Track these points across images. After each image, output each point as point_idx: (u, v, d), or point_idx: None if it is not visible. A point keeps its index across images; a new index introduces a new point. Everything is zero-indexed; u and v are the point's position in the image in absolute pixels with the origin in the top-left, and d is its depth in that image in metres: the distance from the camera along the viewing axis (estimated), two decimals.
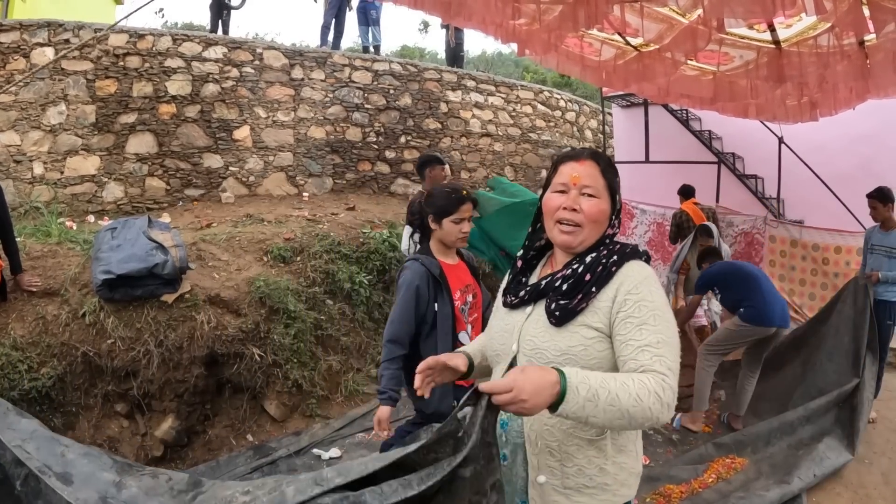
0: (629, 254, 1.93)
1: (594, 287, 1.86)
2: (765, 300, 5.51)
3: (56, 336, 4.93)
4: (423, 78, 10.26)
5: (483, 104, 10.91)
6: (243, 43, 9.00)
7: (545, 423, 1.86)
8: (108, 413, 5.07)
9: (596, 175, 1.95)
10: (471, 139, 10.66)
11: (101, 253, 5.23)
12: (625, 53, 5.54)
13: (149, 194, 8.11)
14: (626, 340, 1.77)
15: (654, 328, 1.77)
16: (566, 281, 1.90)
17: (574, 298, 1.86)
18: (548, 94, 12.10)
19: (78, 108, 7.77)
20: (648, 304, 1.80)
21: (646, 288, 1.84)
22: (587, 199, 1.92)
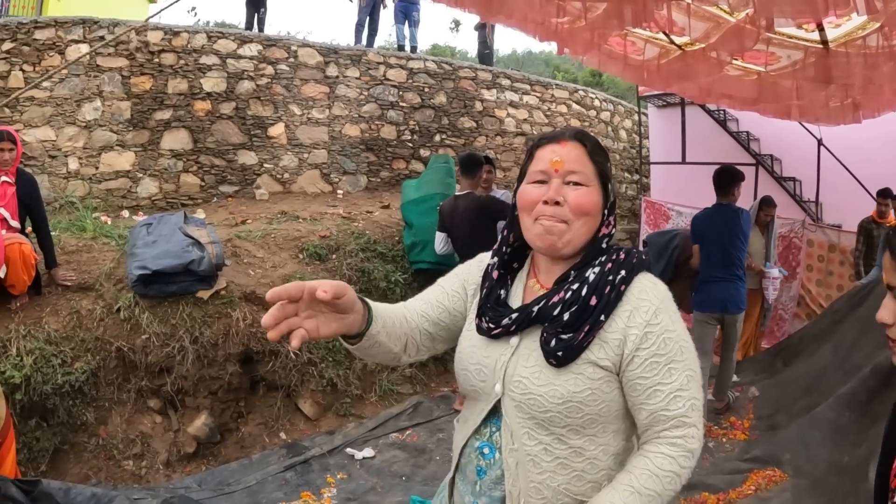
0: (637, 265, 1.58)
1: (602, 315, 1.49)
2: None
3: (90, 331, 4.90)
4: (457, 76, 10.20)
5: (518, 103, 10.82)
6: (278, 40, 8.98)
7: (531, 479, 1.51)
8: (140, 408, 5.03)
9: (582, 158, 1.57)
10: (505, 138, 10.57)
11: (136, 248, 5.19)
12: (668, 52, 5.44)
13: (183, 190, 8.12)
14: (654, 386, 1.48)
15: (682, 364, 1.50)
16: (567, 308, 1.51)
17: (580, 331, 1.48)
18: (582, 93, 11.99)
19: (113, 105, 7.80)
20: (673, 336, 1.50)
21: (665, 315, 1.52)
22: (573, 188, 1.54)
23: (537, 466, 1.50)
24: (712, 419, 5.71)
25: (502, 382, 1.55)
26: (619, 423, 1.53)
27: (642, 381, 1.47)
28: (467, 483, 1.65)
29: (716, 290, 5.39)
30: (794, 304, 7.87)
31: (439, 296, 1.76)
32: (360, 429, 5.42)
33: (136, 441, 4.85)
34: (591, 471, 1.51)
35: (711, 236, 5.42)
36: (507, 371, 1.55)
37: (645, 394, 1.47)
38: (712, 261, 5.40)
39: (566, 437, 1.49)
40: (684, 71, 5.35)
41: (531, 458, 1.50)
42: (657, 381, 1.47)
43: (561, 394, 1.46)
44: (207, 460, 5.04)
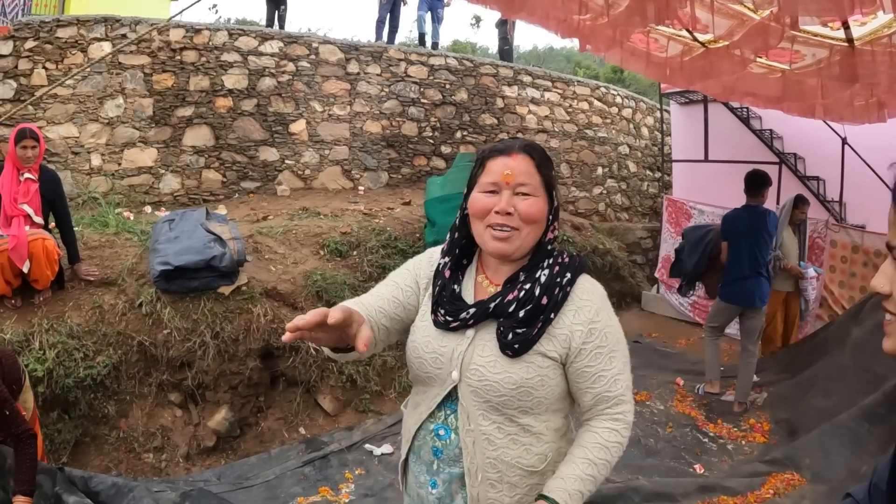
0: (579, 268, 1.79)
1: (552, 313, 1.70)
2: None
3: (112, 325, 4.94)
4: (479, 73, 10.15)
5: (539, 100, 10.75)
6: (299, 37, 8.98)
7: (487, 456, 1.71)
8: (161, 402, 5.07)
9: (531, 171, 1.72)
10: (527, 135, 10.45)
11: (158, 244, 5.22)
12: (691, 50, 5.38)
13: (205, 186, 8.15)
14: (599, 373, 1.71)
15: (619, 352, 1.75)
16: (522, 306, 1.69)
17: (533, 327, 1.68)
18: (604, 90, 11.88)
19: (135, 102, 7.84)
20: (612, 330, 1.75)
21: (605, 312, 1.75)
22: (522, 198, 1.70)
23: (491, 444, 1.71)
24: (731, 421, 5.68)
25: (459, 370, 1.72)
26: (560, 403, 1.74)
27: (589, 370, 1.70)
28: (422, 463, 1.84)
29: (741, 286, 5.83)
30: (817, 305, 7.75)
31: (394, 291, 1.89)
32: (379, 425, 5.42)
33: (157, 434, 4.89)
34: (538, 444, 1.73)
35: (739, 235, 5.83)
36: (464, 360, 1.72)
37: (591, 379, 1.71)
38: (739, 258, 5.81)
39: (516, 416, 1.70)
40: (707, 69, 5.28)
41: (486, 437, 1.71)
42: (601, 369, 1.70)
43: (515, 380, 1.66)
44: (227, 454, 5.06)
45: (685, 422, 5.68)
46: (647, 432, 5.42)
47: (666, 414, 5.81)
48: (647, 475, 4.66)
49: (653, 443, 5.27)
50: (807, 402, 5.64)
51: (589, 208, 11.23)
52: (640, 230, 10.76)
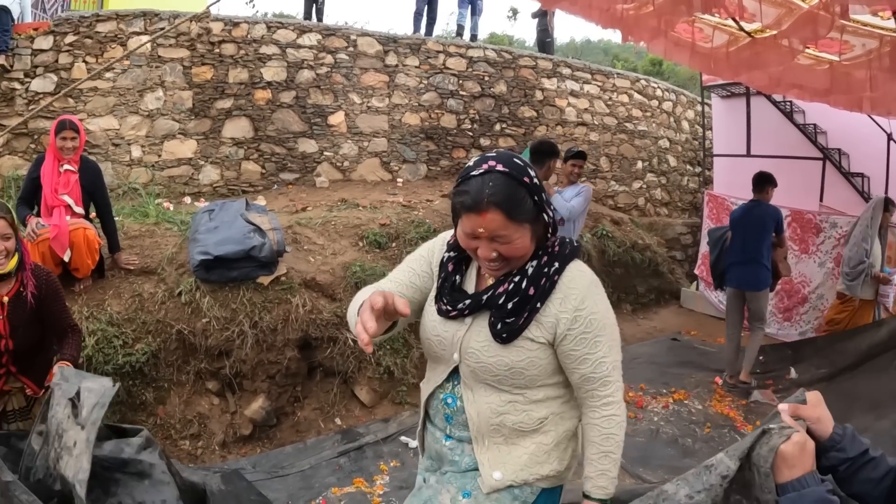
0: (568, 255, 1.89)
1: (539, 302, 1.82)
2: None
3: (151, 313, 4.96)
4: (517, 65, 10.07)
5: (578, 92, 10.64)
6: (337, 30, 8.99)
7: (491, 423, 1.90)
8: (199, 390, 5.09)
9: (504, 224, 1.72)
10: (566, 128, 10.40)
11: (198, 234, 5.24)
12: (737, 40, 5.27)
13: (244, 178, 8.20)
14: (584, 356, 1.84)
15: (605, 337, 1.85)
16: (510, 298, 1.83)
17: (520, 316, 1.82)
18: (644, 82, 11.73)
19: (175, 94, 7.90)
20: (597, 316, 1.84)
21: (591, 300, 1.84)
22: (501, 244, 1.75)
23: (494, 412, 1.89)
24: None
25: (459, 352, 1.91)
26: (556, 377, 1.90)
27: (574, 353, 1.83)
28: (437, 428, 2.07)
29: (737, 269, 6.36)
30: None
31: (411, 277, 2.05)
32: (415, 417, 5.38)
33: (194, 422, 4.91)
34: (537, 409, 1.90)
35: (739, 226, 6.40)
36: (462, 344, 1.90)
37: (576, 362, 1.85)
38: (736, 245, 6.37)
39: (513, 390, 1.88)
40: (754, 59, 5.17)
41: (488, 406, 1.89)
42: (585, 353, 1.83)
43: (506, 363, 1.83)
44: (263, 443, 5.07)
45: (723, 422, 5.58)
46: (685, 432, 5.34)
47: (704, 414, 5.72)
48: None
49: (690, 443, 5.18)
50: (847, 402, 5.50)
51: (628, 203, 11.12)
52: (680, 226, 10.63)
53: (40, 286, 3.27)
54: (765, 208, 6.30)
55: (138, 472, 2.82)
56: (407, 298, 1.95)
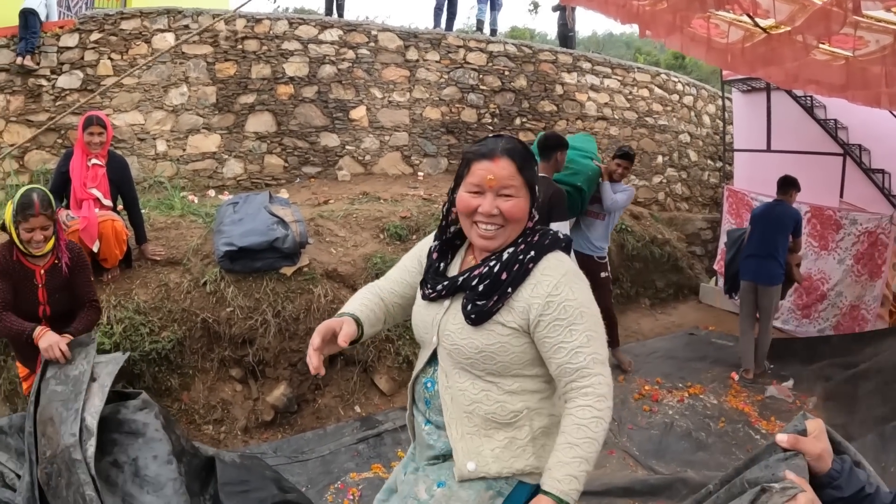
0: (547, 246, 1.89)
1: (510, 287, 1.83)
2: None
3: (177, 302, 5.08)
4: (538, 59, 10.10)
5: (599, 87, 10.65)
6: (358, 25, 9.08)
7: (463, 409, 1.91)
8: (223, 377, 5.21)
9: (513, 174, 1.83)
10: (586, 122, 10.44)
11: (223, 226, 5.36)
12: (752, 35, 5.28)
13: (267, 171, 8.33)
14: (557, 344, 1.80)
15: (582, 326, 1.80)
16: (482, 280, 1.86)
17: (490, 299, 1.83)
18: (665, 76, 11.71)
19: (199, 90, 8.04)
20: (573, 303, 1.81)
21: (566, 287, 1.82)
22: (506, 199, 1.83)
23: (466, 398, 1.89)
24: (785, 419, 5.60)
25: (437, 335, 1.94)
26: (533, 369, 1.88)
27: (548, 340, 1.80)
28: (419, 412, 2.08)
29: (751, 262, 6.51)
30: (878, 304, 7.58)
31: (403, 274, 2.17)
32: None
33: (217, 407, 5.04)
34: (512, 402, 1.88)
35: (759, 222, 6.57)
36: (440, 326, 1.93)
37: (551, 350, 1.80)
38: (751, 240, 6.55)
39: (486, 377, 1.87)
40: (769, 55, 5.18)
41: (461, 392, 1.90)
42: (560, 340, 1.79)
43: (476, 345, 1.84)
44: (284, 429, 5.17)
45: (738, 417, 5.60)
46: (699, 426, 5.37)
47: (719, 409, 5.74)
48: (696, 469, 4.60)
49: (704, 437, 5.20)
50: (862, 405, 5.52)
51: (648, 197, 11.12)
52: (700, 221, 10.59)
53: (73, 258, 3.66)
54: (786, 208, 6.48)
55: (133, 431, 2.99)
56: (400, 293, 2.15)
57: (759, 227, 6.51)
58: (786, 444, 1.40)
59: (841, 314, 7.85)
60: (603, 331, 1.86)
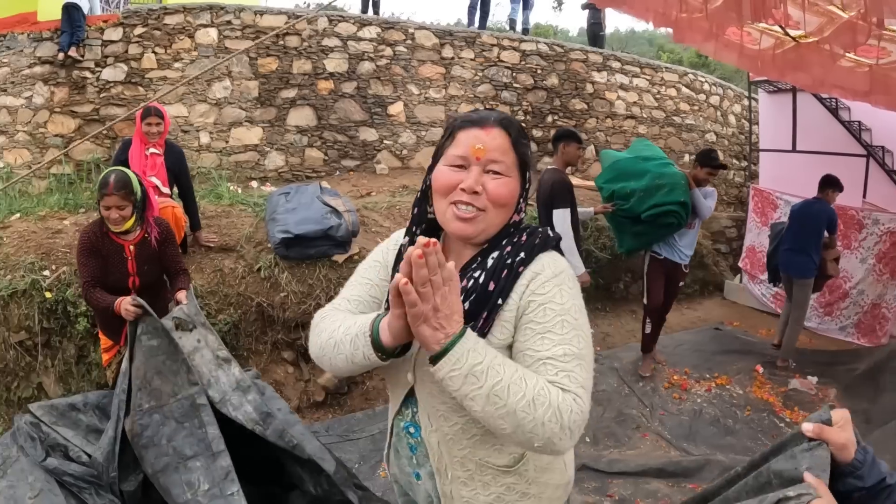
0: (538, 246, 1.55)
1: (500, 298, 1.49)
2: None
3: (232, 287, 5.35)
4: (569, 58, 10.28)
5: (628, 86, 10.83)
6: (395, 23, 9.31)
7: (454, 455, 1.58)
8: (275, 359, 5.46)
9: (505, 147, 1.53)
10: (615, 120, 10.62)
11: (277, 214, 5.61)
12: (783, 43, 5.46)
13: (307, 164, 8.57)
14: (524, 350, 1.45)
15: (560, 337, 1.43)
16: (467, 297, 1.49)
17: (479, 319, 1.48)
18: (692, 76, 11.86)
19: (241, 84, 8.29)
20: (555, 308, 1.46)
21: (555, 287, 1.49)
22: (492, 177, 1.51)
23: (458, 444, 1.57)
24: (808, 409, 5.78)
25: (413, 371, 1.58)
26: None
27: (518, 345, 1.48)
28: (402, 458, 1.76)
29: (784, 254, 6.79)
30: None
31: (372, 291, 1.73)
32: None
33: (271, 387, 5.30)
34: (509, 445, 1.57)
35: (796, 218, 6.79)
36: (415, 361, 1.56)
37: (518, 356, 1.46)
38: (787, 234, 6.79)
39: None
40: (798, 62, 5.37)
41: (451, 438, 1.58)
42: (527, 346, 1.44)
43: None
44: (334, 409, 5.41)
45: (763, 407, 5.78)
46: (726, 413, 5.57)
47: (745, 398, 5.92)
48: (724, 452, 4.83)
49: (731, 423, 5.40)
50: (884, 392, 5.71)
51: None
52: (726, 219, 10.70)
53: (161, 232, 3.97)
54: (823, 206, 6.70)
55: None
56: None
57: (795, 222, 6.74)
58: (811, 434, 1.34)
59: (862, 312, 8.00)
60: (591, 358, 1.47)
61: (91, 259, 3.74)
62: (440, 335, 1.32)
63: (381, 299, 1.70)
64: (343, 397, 5.49)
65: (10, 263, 5.34)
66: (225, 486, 2.69)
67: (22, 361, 5.16)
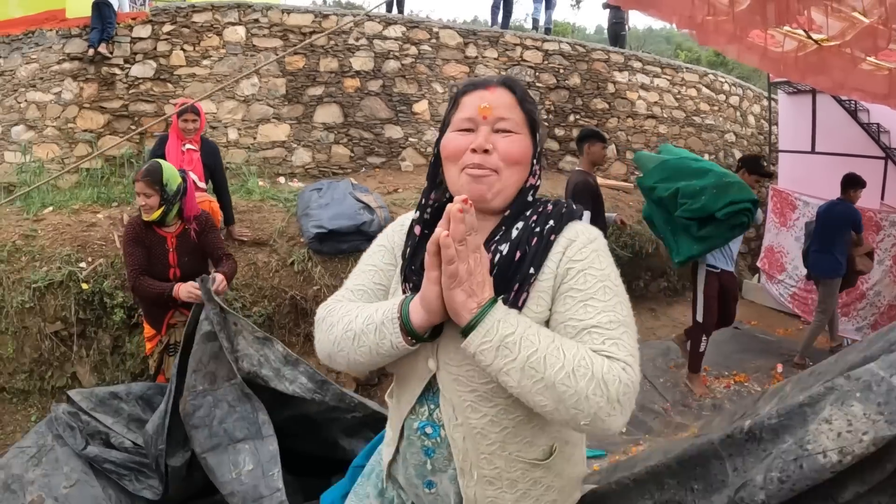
0: (567, 214, 1.47)
1: (531, 267, 1.37)
2: None
3: (266, 280, 5.52)
4: (590, 58, 10.35)
5: (649, 85, 10.88)
6: (420, 22, 9.45)
7: (481, 451, 1.43)
8: (308, 350, 5.53)
9: (512, 105, 1.46)
10: (636, 120, 10.68)
11: (310, 210, 5.78)
12: (805, 46, 5.56)
13: (334, 160, 8.72)
14: (565, 320, 1.34)
15: (603, 304, 1.33)
16: (493, 270, 1.37)
17: (509, 291, 1.36)
18: (712, 76, 11.89)
19: (269, 81, 8.47)
20: (596, 273, 1.36)
21: (592, 252, 1.39)
22: (503, 136, 1.43)
23: (486, 438, 1.42)
24: None
25: (435, 357, 1.44)
26: None
27: (557, 315, 1.36)
28: (410, 466, 1.56)
29: (811, 256, 6.95)
30: None
31: (376, 278, 1.62)
32: None
33: None
34: (542, 436, 1.46)
35: (821, 219, 6.92)
36: (440, 344, 1.43)
37: (558, 328, 1.35)
38: (814, 236, 6.94)
39: (512, 407, 1.39)
40: (820, 65, 5.47)
41: (478, 432, 1.42)
42: (570, 316, 1.34)
43: None
44: None
45: None
46: None
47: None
48: None
49: None
50: None
51: None
52: None
53: (200, 223, 4.08)
54: (844, 207, 6.82)
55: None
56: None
57: (820, 223, 6.89)
58: None
59: (879, 313, 8.08)
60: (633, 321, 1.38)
61: (136, 248, 3.90)
62: (472, 303, 1.25)
63: (387, 285, 1.59)
64: (373, 388, 5.64)
65: (45, 255, 5.53)
66: (267, 467, 2.83)
67: (57, 351, 5.35)
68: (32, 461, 3.08)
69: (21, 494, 2.93)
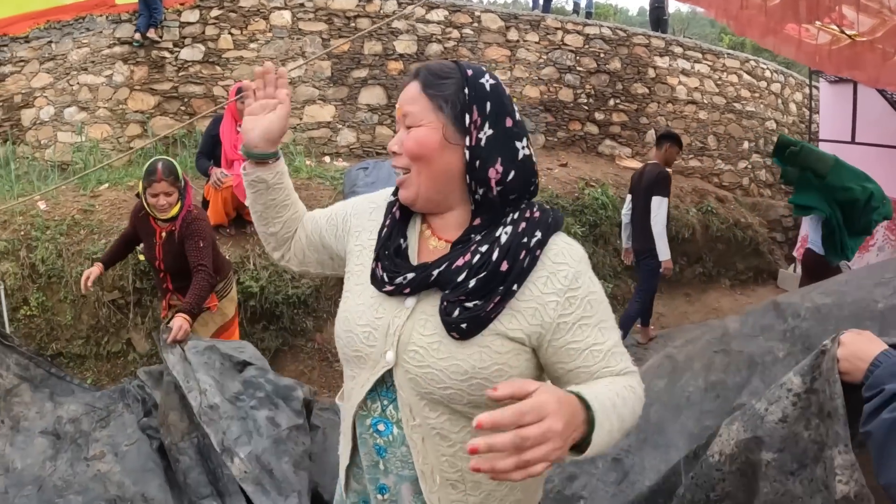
0: (553, 225, 1.38)
1: (515, 283, 1.30)
2: None
3: None
4: (631, 43, 10.36)
5: (689, 71, 10.85)
6: (462, 6, 9.51)
7: (442, 453, 1.37)
8: None
9: (414, 96, 1.36)
10: (676, 106, 10.67)
11: (357, 188, 5.98)
12: (839, 40, 5.60)
13: (378, 141, 8.89)
14: (590, 347, 1.32)
15: (609, 322, 1.37)
16: (475, 273, 1.29)
17: (489, 301, 1.28)
18: (753, 63, 11.78)
19: (315, 64, 8.63)
20: (596, 296, 1.36)
21: (585, 277, 1.36)
22: (408, 132, 1.36)
23: (446, 440, 1.37)
24: None
25: (395, 350, 1.35)
26: None
27: (575, 345, 1.32)
28: (361, 467, 1.52)
29: None
30: None
31: (328, 216, 1.64)
32: None
33: None
34: None
35: None
36: (401, 337, 1.35)
37: (581, 357, 1.32)
38: None
39: (469, 412, 1.33)
40: (853, 59, 5.50)
41: (437, 433, 1.36)
42: (591, 343, 1.32)
43: (464, 369, 1.29)
44: None
45: None
46: None
47: None
48: None
49: None
50: None
51: (733, 182, 11.26)
52: (783, 208, 10.69)
53: (182, 227, 3.96)
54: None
55: None
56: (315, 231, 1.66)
57: None
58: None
59: None
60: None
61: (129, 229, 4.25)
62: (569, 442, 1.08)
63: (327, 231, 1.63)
64: None
65: (103, 228, 5.79)
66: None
67: (113, 319, 5.62)
68: (101, 423, 3.30)
69: (86, 449, 3.15)
